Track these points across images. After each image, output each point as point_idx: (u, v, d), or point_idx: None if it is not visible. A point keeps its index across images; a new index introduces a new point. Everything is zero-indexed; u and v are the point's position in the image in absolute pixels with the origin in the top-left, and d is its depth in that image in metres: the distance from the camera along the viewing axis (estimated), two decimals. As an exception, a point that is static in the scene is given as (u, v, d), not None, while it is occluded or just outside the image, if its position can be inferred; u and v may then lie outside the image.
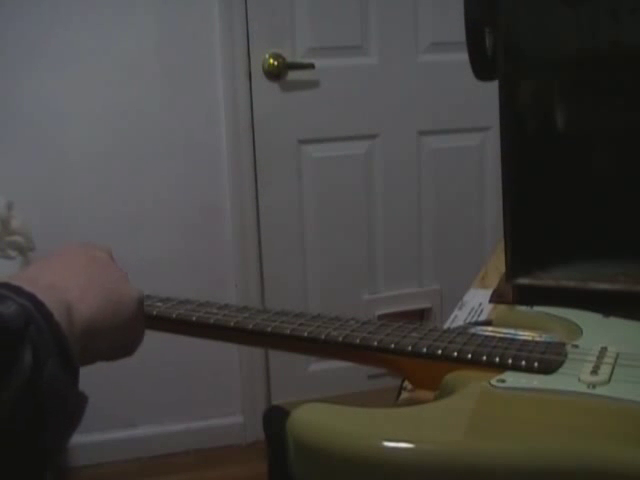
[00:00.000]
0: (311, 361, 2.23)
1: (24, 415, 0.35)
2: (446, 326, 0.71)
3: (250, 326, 0.60)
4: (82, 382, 0.42)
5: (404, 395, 0.62)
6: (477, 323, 0.74)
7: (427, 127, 2.24)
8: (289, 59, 2.08)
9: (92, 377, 2.20)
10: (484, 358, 0.53)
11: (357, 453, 0.43)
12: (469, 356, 0.54)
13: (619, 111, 0.81)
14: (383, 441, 0.44)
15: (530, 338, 0.58)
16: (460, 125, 2.25)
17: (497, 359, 0.53)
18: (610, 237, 0.81)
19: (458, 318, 0.78)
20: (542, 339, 0.58)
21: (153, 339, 0.58)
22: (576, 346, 0.56)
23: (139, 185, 2.05)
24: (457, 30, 0.83)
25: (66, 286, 0.45)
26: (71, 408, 0.40)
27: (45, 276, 0.46)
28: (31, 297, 0.39)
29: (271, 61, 2.07)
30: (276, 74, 2.08)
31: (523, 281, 0.78)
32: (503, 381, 0.50)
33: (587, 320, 0.61)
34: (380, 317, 2.17)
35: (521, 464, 0.42)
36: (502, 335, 0.58)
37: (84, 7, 1.93)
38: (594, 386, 0.49)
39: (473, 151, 2.28)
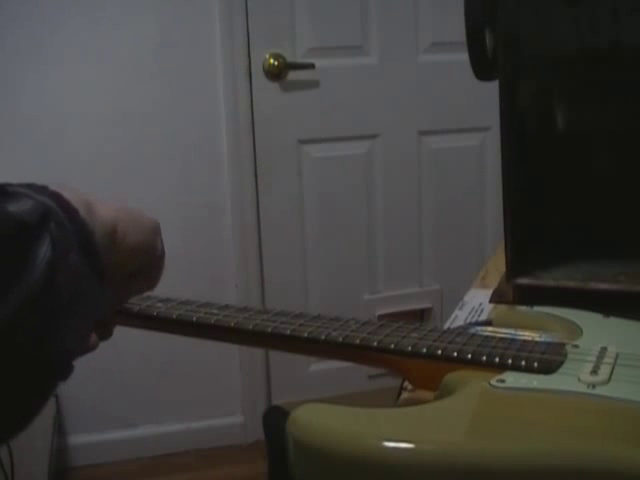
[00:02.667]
0: (311, 361, 2.23)
1: (39, 311, 0.34)
2: (446, 326, 0.71)
3: (250, 326, 0.60)
4: (81, 382, 0.41)
5: (404, 395, 0.62)
6: (477, 323, 0.74)
7: (427, 127, 2.24)
8: (289, 59, 2.08)
9: (92, 377, 2.23)
10: (484, 358, 0.53)
11: (357, 453, 0.43)
12: (469, 356, 0.54)
13: (619, 111, 0.81)
14: (383, 441, 0.44)
15: (530, 338, 0.58)
16: (460, 125, 2.25)
17: (497, 359, 0.53)
18: (610, 237, 0.81)
19: (458, 318, 0.78)
20: (542, 339, 0.58)
21: (153, 339, 0.58)
22: (576, 346, 0.56)
23: (139, 185, 2.05)
24: (457, 30, 0.83)
25: (80, 192, 0.43)
26: (91, 304, 0.38)
27: (60, 186, 0.43)
28: (56, 195, 0.38)
29: (271, 61, 2.07)
30: (276, 74, 2.08)
31: (523, 281, 0.78)
32: (503, 381, 0.50)
33: (587, 320, 0.61)
34: (380, 317, 2.17)
35: (521, 464, 0.42)
36: (502, 335, 0.58)
37: (84, 7, 1.93)
38: (594, 386, 0.49)
39: (473, 151, 2.28)
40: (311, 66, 2.08)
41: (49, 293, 0.34)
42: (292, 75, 2.10)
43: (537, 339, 0.58)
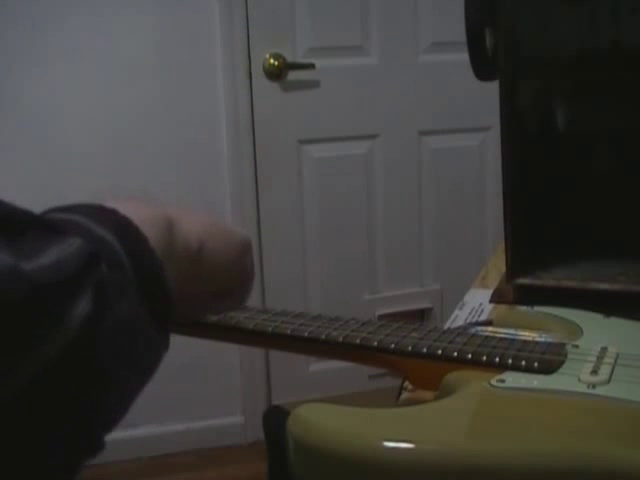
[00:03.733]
0: (311, 361, 2.23)
1: (76, 371, 0.29)
2: (446, 326, 0.71)
3: (251, 326, 0.60)
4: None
5: (404, 395, 0.61)
6: (477, 323, 0.74)
7: (427, 127, 2.24)
8: (289, 59, 2.08)
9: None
10: (484, 358, 0.53)
11: (357, 453, 0.43)
12: (469, 356, 0.54)
13: (619, 111, 0.81)
14: (383, 441, 0.44)
15: (530, 338, 0.58)
16: (460, 125, 2.25)
17: (497, 359, 0.53)
18: (610, 237, 0.81)
19: (458, 318, 0.78)
20: (542, 339, 0.58)
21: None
22: (576, 346, 0.56)
23: (139, 185, 2.05)
24: (457, 30, 0.83)
25: (165, 206, 0.39)
26: (141, 360, 0.33)
27: (142, 198, 0.40)
28: (124, 221, 0.34)
29: (271, 61, 2.07)
30: (276, 74, 2.08)
31: (523, 281, 0.78)
32: (503, 381, 0.50)
33: (587, 320, 0.61)
34: (380, 317, 2.17)
35: (521, 464, 0.42)
36: (502, 335, 0.58)
37: (84, 7, 1.93)
38: (594, 386, 0.49)
39: (473, 151, 2.28)
40: (311, 66, 2.08)
41: (80, 358, 0.30)
42: (292, 75, 2.10)
43: (537, 339, 0.58)
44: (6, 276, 0.27)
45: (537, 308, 0.66)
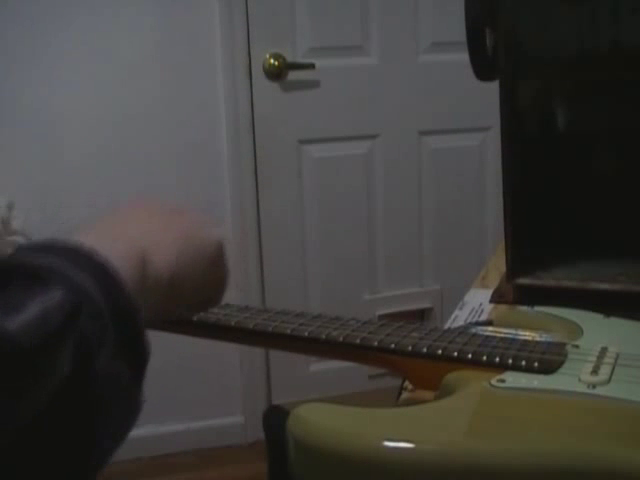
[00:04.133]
0: (312, 361, 2.23)
1: (60, 422, 0.30)
2: (447, 326, 0.71)
3: (251, 326, 0.60)
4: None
5: (404, 395, 0.61)
6: (477, 323, 0.74)
7: (427, 127, 2.24)
8: (289, 59, 2.08)
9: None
10: (484, 358, 0.53)
11: (357, 453, 0.43)
12: (469, 356, 0.54)
13: (619, 111, 0.81)
14: (383, 441, 0.44)
15: (530, 338, 0.58)
16: (460, 125, 2.25)
17: (497, 359, 0.53)
18: (610, 237, 0.82)
19: (459, 318, 0.78)
20: (542, 339, 0.58)
21: (153, 339, 0.58)
22: (576, 346, 0.56)
23: (139, 185, 2.05)
24: (457, 30, 0.83)
25: (140, 233, 0.40)
26: (125, 403, 0.34)
27: (118, 227, 0.41)
28: (100, 268, 0.34)
29: (271, 61, 2.07)
30: (276, 74, 2.08)
31: (524, 281, 0.78)
32: (503, 381, 0.50)
33: (588, 320, 0.61)
34: (381, 317, 2.17)
35: (521, 464, 0.42)
36: (502, 335, 0.58)
37: (84, 7, 1.93)
38: (594, 386, 0.49)
39: (473, 151, 2.28)
40: (311, 66, 2.08)
41: (62, 411, 0.30)
42: (292, 75, 2.10)
43: (537, 339, 0.58)
44: None
45: (537, 308, 0.66)
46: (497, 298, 0.82)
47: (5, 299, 0.30)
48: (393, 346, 0.56)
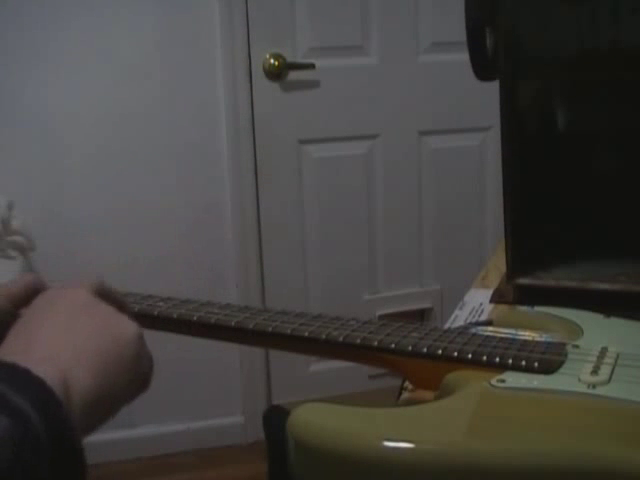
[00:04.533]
0: (312, 361, 2.23)
1: None
2: (447, 326, 0.72)
3: (251, 326, 0.60)
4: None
5: (404, 395, 0.61)
6: (477, 323, 0.74)
7: (427, 127, 2.24)
8: (289, 59, 2.08)
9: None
10: (484, 358, 0.53)
11: (357, 453, 0.43)
12: (469, 356, 0.54)
13: (619, 111, 0.81)
14: (383, 441, 0.44)
15: (530, 338, 0.58)
16: (460, 125, 2.25)
17: (497, 359, 0.53)
18: (610, 237, 0.82)
19: (459, 318, 0.78)
20: (542, 339, 0.58)
21: (154, 339, 0.58)
22: (576, 346, 0.56)
23: (139, 185, 2.05)
24: (457, 30, 0.83)
25: (57, 352, 0.41)
26: None
27: (37, 344, 0.41)
28: (38, 387, 0.35)
29: (272, 61, 2.07)
30: (277, 74, 2.08)
31: (524, 281, 0.78)
32: (503, 381, 0.50)
33: (588, 320, 0.61)
34: (381, 317, 2.17)
35: (521, 464, 0.42)
36: (502, 335, 0.58)
37: (84, 7, 1.93)
38: (594, 386, 0.49)
39: (473, 151, 2.28)
40: (311, 66, 2.08)
41: None
42: (292, 75, 2.10)
43: (537, 339, 0.58)
44: None
45: (537, 308, 0.66)
46: (497, 298, 0.82)
47: None
48: (393, 346, 0.56)
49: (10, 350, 0.41)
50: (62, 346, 0.42)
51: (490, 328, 0.62)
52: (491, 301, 0.82)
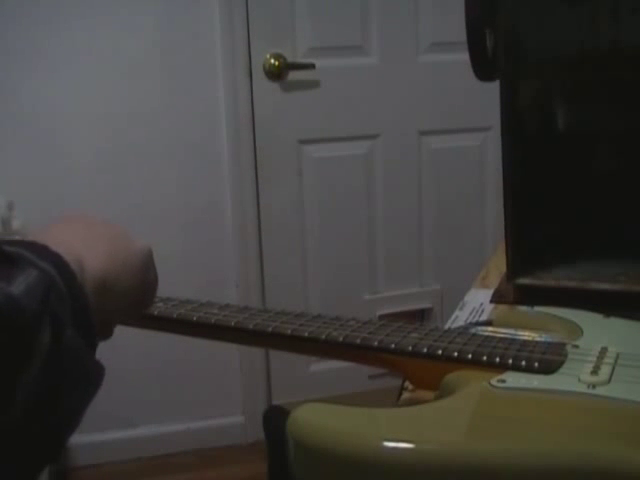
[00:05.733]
0: (312, 361, 2.23)
1: (42, 390, 0.34)
2: (447, 326, 0.71)
3: (251, 326, 0.60)
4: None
5: (405, 395, 0.61)
6: (477, 323, 0.74)
7: (428, 127, 2.24)
8: (290, 59, 2.08)
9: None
10: (484, 358, 0.53)
11: (357, 453, 0.43)
12: (469, 356, 0.54)
13: (619, 111, 0.81)
14: (383, 441, 0.44)
15: (530, 338, 0.58)
16: (461, 125, 2.25)
17: (497, 359, 0.53)
18: (611, 237, 0.82)
19: (459, 318, 0.78)
20: (542, 339, 0.58)
21: (154, 339, 0.58)
22: (576, 346, 0.56)
23: (139, 185, 2.05)
24: (458, 30, 0.83)
25: (71, 241, 0.43)
26: (89, 378, 0.38)
27: (52, 234, 0.44)
28: (56, 258, 0.38)
29: (272, 61, 2.07)
30: (277, 74, 2.08)
31: (524, 281, 0.78)
32: (503, 381, 0.50)
33: (587, 320, 0.61)
34: (381, 317, 2.17)
35: (521, 464, 0.42)
36: (502, 335, 0.58)
37: (84, 7, 1.93)
38: (594, 386, 0.49)
39: (474, 151, 2.28)
40: (311, 66, 2.08)
41: (49, 381, 0.34)
42: (292, 75, 2.10)
43: (537, 339, 0.58)
44: (6, 302, 0.32)
45: (537, 308, 0.66)
46: (497, 298, 0.82)
47: None
48: (393, 346, 0.56)
49: (37, 232, 0.43)
50: (76, 239, 0.44)
51: (490, 328, 0.62)
52: (491, 301, 0.82)
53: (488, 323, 0.68)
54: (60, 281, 0.37)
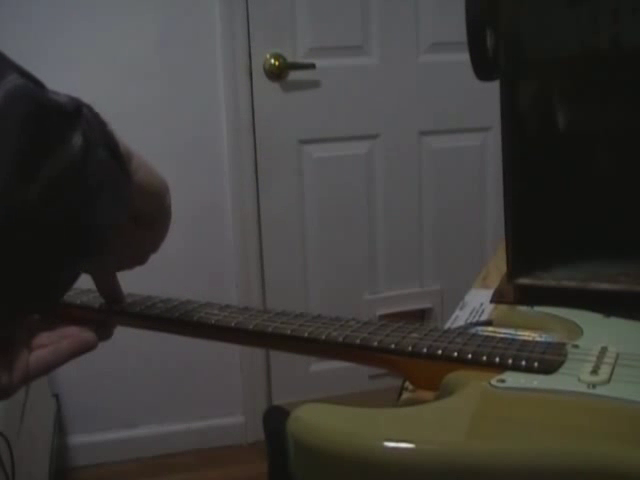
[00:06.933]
0: (312, 361, 2.23)
1: (72, 192, 0.38)
2: (447, 326, 0.71)
3: (251, 326, 0.60)
4: (82, 382, 0.41)
5: (405, 395, 0.61)
6: (477, 323, 0.74)
7: (428, 127, 2.24)
8: (290, 59, 2.08)
9: (92, 377, 2.22)
10: (484, 358, 0.53)
11: (357, 453, 0.43)
12: (469, 356, 0.54)
13: (619, 111, 0.81)
14: (383, 441, 0.43)
15: (530, 338, 0.58)
16: (461, 125, 2.26)
17: (497, 359, 0.53)
18: (611, 237, 0.82)
19: (459, 318, 0.78)
20: (542, 339, 0.58)
21: (154, 339, 0.58)
22: (576, 346, 0.56)
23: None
24: (458, 30, 0.83)
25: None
26: (119, 190, 0.42)
27: None
28: (88, 106, 0.43)
29: (272, 61, 2.07)
30: (277, 74, 2.08)
31: (524, 281, 0.78)
32: (503, 381, 0.50)
33: (588, 320, 0.61)
34: (381, 317, 2.18)
35: (521, 464, 0.42)
36: (502, 335, 0.58)
37: (85, 7, 1.93)
38: (594, 386, 0.49)
39: (474, 151, 2.28)
40: (311, 66, 2.08)
41: (80, 174, 0.38)
42: (292, 75, 2.10)
43: (537, 339, 0.58)
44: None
45: (537, 308, 0.66)
46: (498, 298, 0.82)
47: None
48: (393, 346, 0.56)
49: None
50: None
51: (490, 328, 0.62)
52: (491, 301, 0.82)
53: (488, 323, 0.68)
54: (88, 111, 0.42)
